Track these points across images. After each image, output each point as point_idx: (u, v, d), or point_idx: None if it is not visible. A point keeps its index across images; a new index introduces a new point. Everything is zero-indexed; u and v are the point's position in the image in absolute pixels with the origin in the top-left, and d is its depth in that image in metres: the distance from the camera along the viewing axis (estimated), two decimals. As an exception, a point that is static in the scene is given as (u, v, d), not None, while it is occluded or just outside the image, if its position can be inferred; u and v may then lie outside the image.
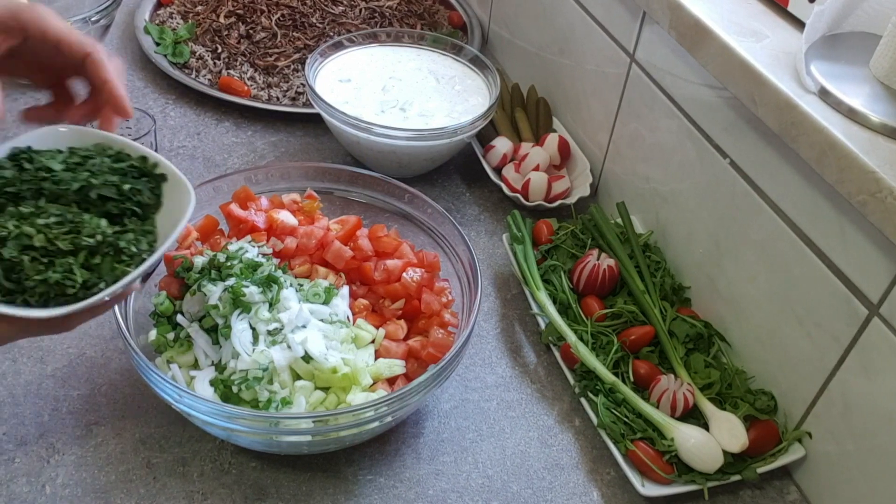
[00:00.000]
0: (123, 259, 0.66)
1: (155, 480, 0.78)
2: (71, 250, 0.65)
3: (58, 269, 0.64)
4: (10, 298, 0.63)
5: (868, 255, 0.71)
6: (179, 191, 0.71)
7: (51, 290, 0.63)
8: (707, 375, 0.88)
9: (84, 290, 0.64)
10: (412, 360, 0.83)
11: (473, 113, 1.11)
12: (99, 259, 0.65)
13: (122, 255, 0.66)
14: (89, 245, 0.65)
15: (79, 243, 0.65)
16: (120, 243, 0.66)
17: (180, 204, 0.70)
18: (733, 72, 0.79)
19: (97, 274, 0.65)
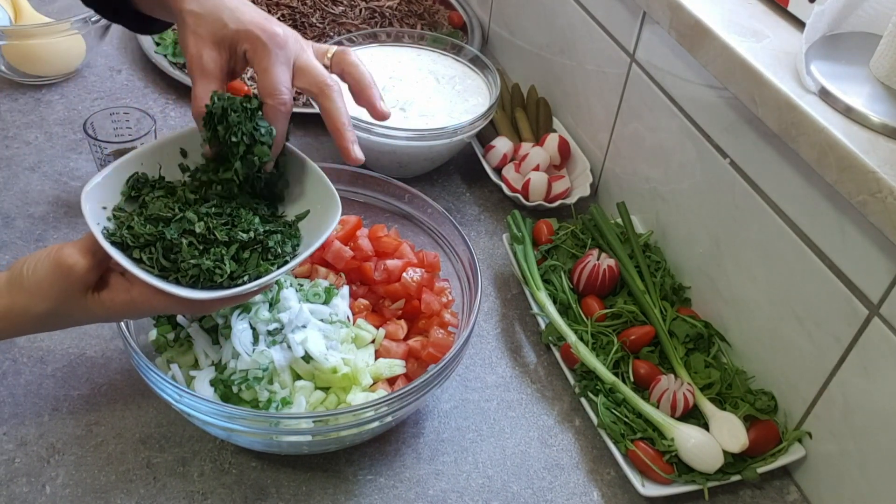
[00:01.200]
0: (269, 257, 0.70)
1: (155, 480, 0.78)
2: (225, 241, 0.69)
3: (211, 256, 0.68)
4: (164, 275, 0.68)
5: (868, 255, 0.71)
6: (328, 201, 0.75)
7: (202, 275, 0.68)
8: (707, 375, 0.88)
9: (230, 280, 0.68)
10: (412, 360, 0.83)
11: (473, 113, 1.11)
12: (248, 254, 0.70)
13: (269, 253, 0.71)
14: (241, 240, 0.69)
15: (233, 236, 0.69)
16: (269, 242, 0.71)
17: (326, 214, 0.74)
18: (734, 72, 0.79)
19: (243, 267, 0.69)
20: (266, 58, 0.68)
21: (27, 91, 1.23)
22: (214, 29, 0.68)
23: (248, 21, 0.68)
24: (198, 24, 0.68)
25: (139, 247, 0.68)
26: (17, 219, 1.02)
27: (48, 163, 1.11)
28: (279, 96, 0.68)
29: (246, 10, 0.69)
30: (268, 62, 0.68)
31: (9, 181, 1.08)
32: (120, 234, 0.68)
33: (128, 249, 0.68)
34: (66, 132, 1.16)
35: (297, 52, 0.70)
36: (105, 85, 1.26)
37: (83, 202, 0.69)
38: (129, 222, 0.69)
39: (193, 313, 0.75)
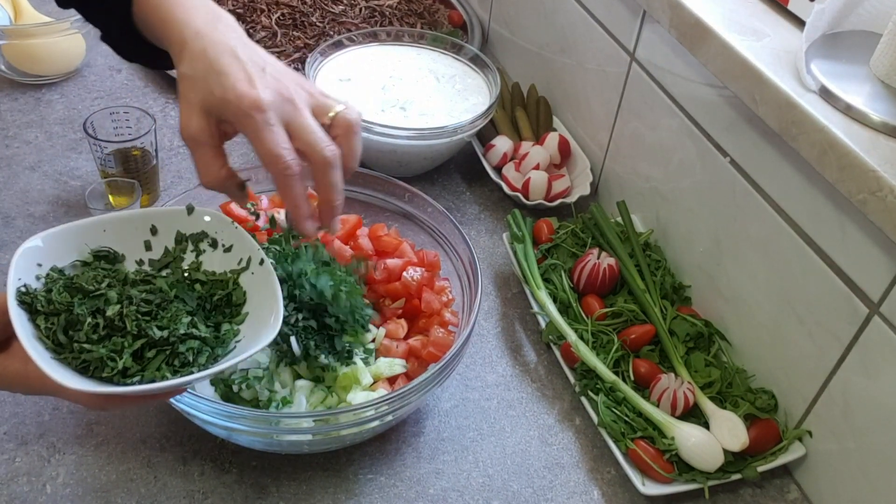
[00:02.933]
0: (174, 363, 0.64)
1: (156, 480, 0.78)
2: (133, 333, 0.63)
3: (109, 345, 0.62)
4: (57, 350, 0.62)
5: (868, 254, 0.71)
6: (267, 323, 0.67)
7: (93, 362, 0.61)
8: (707, 374, 0.88)
9: (120, 377, 0.62)
10: (412, 359, 0.83)
11: (474, 112, 1.11)
12: (153, 353, 0.63)
13: (177, 359, 0.64)
14: (151, 336, 0.63)
15: (145, 329, 0.63)
16: (179, 347, 0.64)
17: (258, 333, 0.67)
18: (734, 70, 0.79)
19: (140, 367, 0.63)
20: (250, 126, 0.62)
21: (27, 90, 1.23)
22: (203, 95, 0.62)
23: (230, 87, 0.61)
24: (188, 89, 0.63)
25: (46, 314, 0.63)
26: (17, 218, 1.02)
27: (48, 162, 1.11)
28: (280, 161, 0.61)
29: (232, 72, 0.62)
30: (254, 131, 0.62)
31: (9, 181, 1.08)
32: (34, 295, 0.63)
33: (35, 314, 0.63)
34: (66, 131, 1.16)
35: (288, 113, 0.63)
36: (105, 84, 1.26)
37: (16, 255, 0.64)
38: (52, 286, 0.64)
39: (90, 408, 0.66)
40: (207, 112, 0.63)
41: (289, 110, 0.63)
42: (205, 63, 0.63)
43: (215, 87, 0.62)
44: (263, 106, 0.61)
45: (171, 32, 0.65)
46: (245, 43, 0.66)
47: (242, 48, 0.65)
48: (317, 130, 0.64)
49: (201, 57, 0.63)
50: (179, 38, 0.65)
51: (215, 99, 0.62)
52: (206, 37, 0.64)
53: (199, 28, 0.65)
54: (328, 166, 0.64)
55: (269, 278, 0.70)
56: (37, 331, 0.62)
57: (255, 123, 0.61)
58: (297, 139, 0.63)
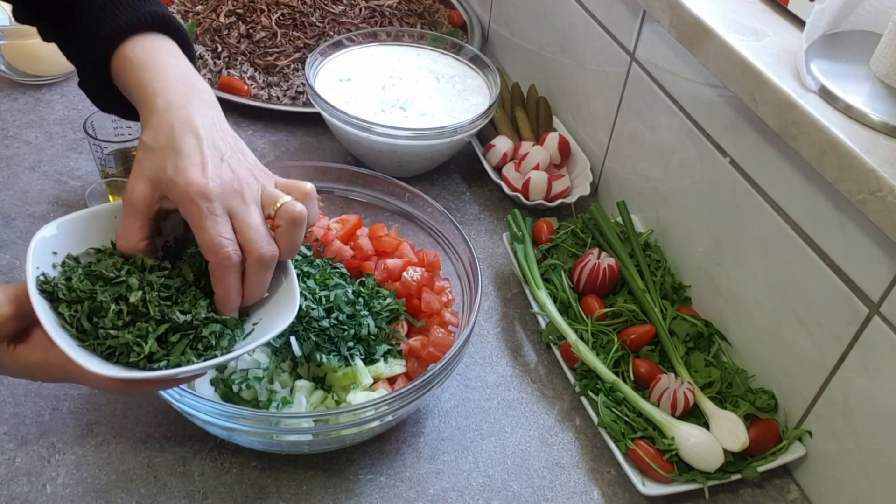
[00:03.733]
0: (198, 347, 0.64)
1: (156, 480, 0.78)
2: (157, 318, 0.64)
3: (134, 331, 0.63)
4: (81, 338, 0.62)
5: (868, 254, 0.71)
6: (285, 305, 0.68)
7: (119, 348, 0.62)
8: (707, 374, 0.88)
9: (146, 361, 0.62)
10: (412, 359, 0.83)
11: (473, 112, 1.11)
12: (177, 338, 0.64)
13: (200, 343, 0.64)
14: (174, 321, 0.64)
15: (167, 314, 0.64)
16: (203, 331, 0.64)
17: (281, 315, 0.67)
18: (734, 70, 0.79)
19: (166, 351, 0.63)
20: (193, 212, 0.62)
21: (27, 91, 1.23)
22: (155, 169, 0.63)
23: (182, 170, 0.62)
24: (144, 157, 0.64)
25: (68, 301, 0.63)
26: (17, 218, 1.02)
27: (48, 162, 1.11)
28: (220, 252, 0.62)
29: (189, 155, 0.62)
30: (197, 217, 0.62)
31: (9, 181, 1.08)
32: (54, 284, 0.63)
33: (57, 302, 0.63)
34: (66, 132, 1.16)
35: (234, 207, 0.63)
36: (105, 84, 1.26)
37: (32, 244, 0.64)
38: (71, 274, 0.65)
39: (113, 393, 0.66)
40: (154, 186, 0.63)
41: (236, 203, 0.63)
42: (167, 138, 0.63)
43: (168, 166, 0.62)
44: (210, 195, 0.61)
45: (144, 98, 0.66)
46: (212, 124, 0.66)
47: (208, 130, 0.65)
48: (258, 227, 0.64)
49: (165, 131, 0.64)
50: (150, 106, 0.65)
51: (165, 177, 0.62)
52: (175, 111, 0.65)
53: (171, 101, 0.65)
54: (262, 265, 0.65)
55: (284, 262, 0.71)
56: (60, 319, 0.63)
57: (198, 210, 0.61)
58: (239, 233, 0.63)
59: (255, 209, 0.65)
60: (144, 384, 0.64)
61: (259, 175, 0.67)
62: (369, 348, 0.80)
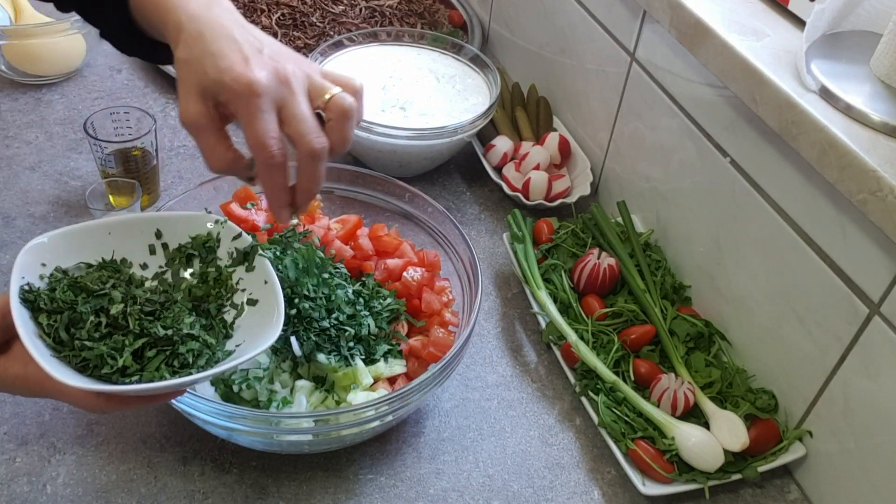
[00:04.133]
0: (174, 364, 0.63)
1: (156, 480, 0.78)
2: (136, 332, 0.63)
3: (109, 343, 0.62)
4: (57, 348, 0.62)
5: (869, 254, 0.71)
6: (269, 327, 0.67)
7: (93, 360, 0.61)
8: (708, 374, 0.88)
9: (119, 375, 0.61)
10: (413, 359, 0.83)
11: (474, 112, 1.11)
12: (153, 353, 0.63)
13: (176, 360, 0.64)
14: (154, 335, 0.63)
15: (147, 328, 0.63)
16: (180, 348, 0.64)
17: (259, 335, 0.67)
18: (734, 70, 0.79)
19: (140, 365, 0.62)
20: (243, 110, 0.60)
21: (27, 91, 1.23)
22: (199, 78, 0.61)
23: (224, 69, 0.60)
24: (185, 73, 0.62)
25: (48, 311, 0.62)
26: (18, 218, 1.02)
27: (48, 162, 1.11)
28: (266, 150, 0.61)
29: (228, 54, 0.61)
30: (246, 114, 0.60)
31: (9, 181, 1.08)
32: (37, 293, 0.63)
33: (37, 312, 0.63)
34: (67, 132, 1.17)
35: (282, 98, 0.62)
36: (105, 84, 1.26)
37: (21, 252, 0.64)
38: (56, 285, 0.64)
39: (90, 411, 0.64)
40: (204, 95, 0.61)
41: (283, 94, 0.62)
42: (201, 46, 0.61)
43: (210, 70, 0.60)
44: (258, 89, 0.60)
45: (167, 18, 0.64)
46: (242, 24, 0.64)
47: (239, 30, 0.63)
48: (308, 119, 0.62)
49: (198, 40, 0.61)
50: (175, 23, 0.63)
51: (210, 81, 0.60)
52: (201, 19, 0.63)
53: (193, 11, 0.63)
54: (314, 158, 0.63)
55: (270, 281, 0.71)
56: (38, 328, 0.62)
57: (247, 108, 0.60)
58: (287, 125, 0.62)
59: (302, 99, 0.62)
60: (117, 401, 0.62)
61: (302, 64, 0.64)
62: (369, 348, 0.80)
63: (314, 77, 0.65)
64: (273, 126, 0.61)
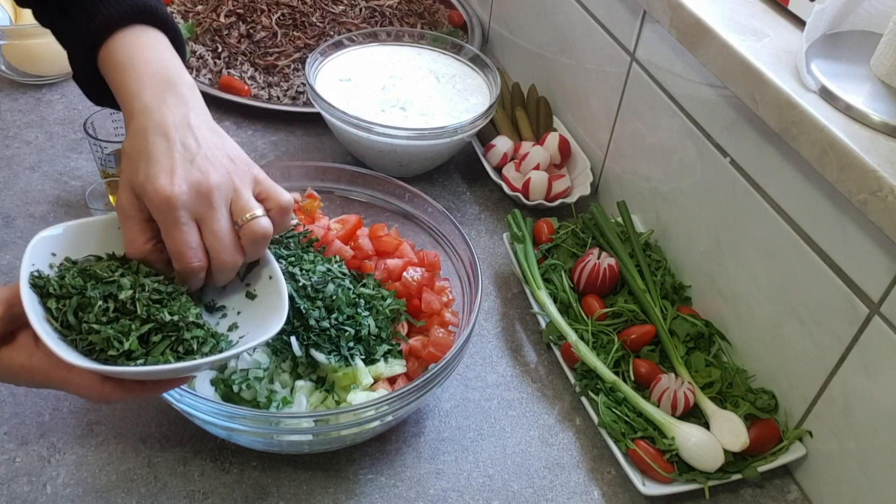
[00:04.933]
0: (178, 350, 0.64)
1: (156, 480, 0.78)
2: (143, 317, 0.63)
3: (116, 326, 0.62)
4: (64, 332, 0.62)
5: (869, 254, 0.71)
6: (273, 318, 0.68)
7: (100, 343, 0.62)
8: (708, 374, 0.88)
9: (124, 359, 0.62)
10: (413, 359, 0.83)
11: (474, 112, 1.11)
12: (159, 338, 0.63)
13: (181, 346, 0.64)
14: (160, 320, 0.64)
15: (153, 314, 0.64)
16: (185, 334, 0.64)
17: (262, 327, 0.68)
18: (734, 70, 0.79)
19: (145, 350, 0.63)
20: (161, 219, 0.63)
21: (27, 91, 1.23)
22: (131, 174, 0.64)
23: (150, 177, 0.62)
24: (125, 164, 0.65)
25: (57, 297, 0.63)
26: (18, 218, 1.02)
27: (48, 162, 1.11)
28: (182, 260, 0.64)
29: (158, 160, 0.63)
30: (164, 224, 0.63)
31: (9, 181, 1.08)
32: (46, 279, 0.64)
33: (46, 297, 0.63)
34: (67, 132, 1.17)
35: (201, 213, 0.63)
36: (105, 84, 1.26)
37: (33, 240, 0.65)
38: (65, 273, 0.65)
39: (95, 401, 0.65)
40: (134, 191, 0.64)
41: (202, 209, 0.63)
42: (140, 143, 0.64)
43: (140, 173, 0.63)
44: (175, 203, 0.62)
45: (124, 100, 0.67)
46: (185, 123, 0.65)
47: (180, 129, 0.65)
48: (223, 237, 0.64)
49: (140, 136, 0.64)
50: (129, 111, 0.66)
51: (138, 184, 0.63)
52: (149, 114, 0.65)
53: (146, 102, 0.65)
54: (224, 270, 0.66)
55: (275, 277, 0.71)
56: (47, 313, 0.63)
57: (165, 219, 0.62)
58: (204, 238, 0.64)
59: (222, 214, 0.64)
60: (122, 389, 0.62)
61: (236, 173, 0.66)
62: (369, 348, 0.80)
63: (242, 192, 0.66)
64: (189, 237, 0.63)
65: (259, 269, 0.73)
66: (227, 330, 0.70)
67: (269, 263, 0.73)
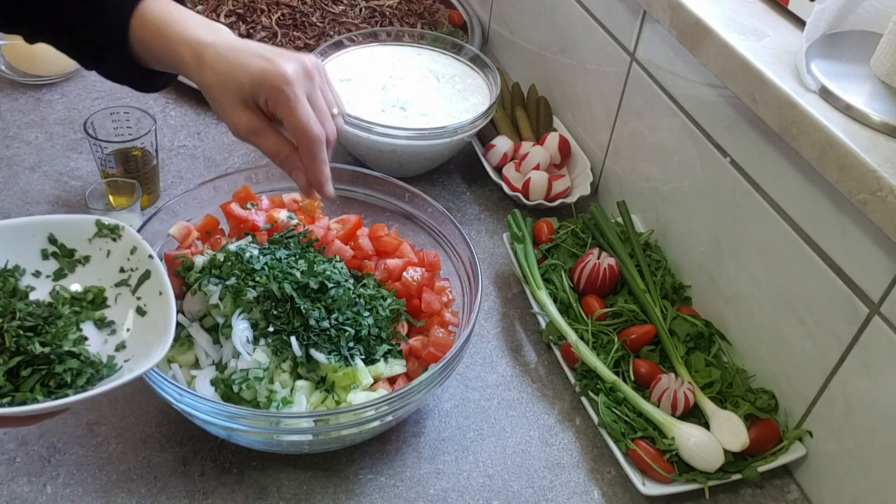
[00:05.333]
0: (49, 384, 0.61)
1: (156, 480, 0.78)
2: (12, 349, 0.61)
3: None
4: None
5: (869, 254, 0.71)
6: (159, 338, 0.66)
7: None
8: (708, 374, 0.88)
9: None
10: (413, 359, 0.83)
11: (474, 112, 1.11)
12: (29, 372, 0.61)
13: (52, 379, 0.61)
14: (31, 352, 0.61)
15: (23, 346, 0.61)
16: (56, 368, 0.61)
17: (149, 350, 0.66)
18: (734, 70, 0.79)
19: (13, 386, 0.60)
20: (283, 99, 0.67)
21: (27, 91, 1.23)
22: (236, 91, 0.68)
23: (257, 73, 0.67)
24: (220, 93, 0.68)
25: None
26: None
27: (48, 162, 1.11)
28: (310, 133, 0.68)
29: (254, 62, 0.67)
30: (286, 104, 0.67)
31: (9, 181, 1.08)
32: None
33: None
34: (67, 132, 1.16)
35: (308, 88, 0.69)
36: (105, 84, 1.26)
37: None
38: None
39: None
40: (246, 104, 0.68)
41: (308, 86, 0.69)
42: (226, 64, 0.68)
43: (244, 79, 0.67)
44: (290, 79, 0.67)
45: (181, 49, 0.69)
46: (248, 42, 0.71)
47: (250, 44, 0.70)
48: (325, 112, 0.71)
49: (221, 61, 0.68)
50: (193, 53, 0.69)
51: (247, 88, 0.67)
52: (216, 45, 0.69)
53: (206, 39, 0.69)
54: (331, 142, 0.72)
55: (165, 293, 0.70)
56: None
57: (286, 97, 0.67)
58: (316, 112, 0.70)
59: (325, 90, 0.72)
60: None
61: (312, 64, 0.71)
62: (369, 348, 0.80)
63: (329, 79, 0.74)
64: (310, 110, 0.69)
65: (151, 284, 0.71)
66: (114, 349, 0.67)
67: (161, 277, 0.70)
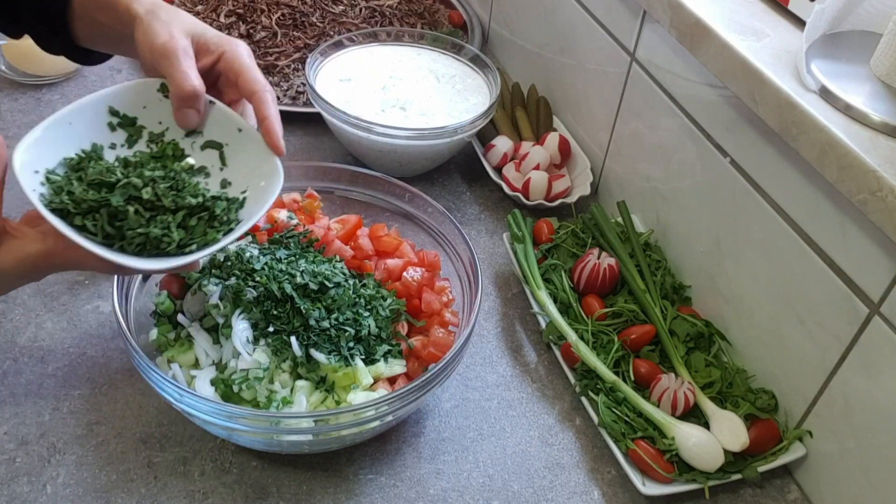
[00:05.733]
0: (215, 225, 0.68)
1: (156, 480, 0.78)
2: (172, 208, 0.67)
3: (158, 224, 0.66)
4: (109, 242, 0.65)
5: (869, 254, 0.71)
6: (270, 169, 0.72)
7: (149, 243, 0.65)
8: (708, 374, 0.88)
9: (177, 249, 0.66)
10: (413, 359, 0.83)
11: (474, 112, 1.11)
12: (195, 221, 0.68)
13: (216, 220, 0.69)
14: (189, 205, 0.67)
15: (180, 202, 0.67)
16: (215, 209, 0.69)
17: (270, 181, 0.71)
18: (734, 70, 0.79)
19: (190, 235, 0.67)
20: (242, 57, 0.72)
21: (27, 91, 1.23)
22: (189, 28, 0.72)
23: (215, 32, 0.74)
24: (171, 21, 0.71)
25: (81, 213, 0.65)
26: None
27: (48, 162, 1.11)
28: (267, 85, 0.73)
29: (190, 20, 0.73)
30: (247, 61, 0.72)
31: (9, 181, 1.07)
32: (59, 200, 0.65)
33: (68, 216, 0.65)
34: (67, 132, 1.16)
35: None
36: (105, 84, 1.25)
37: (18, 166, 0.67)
38: (68, 188, 0.67)
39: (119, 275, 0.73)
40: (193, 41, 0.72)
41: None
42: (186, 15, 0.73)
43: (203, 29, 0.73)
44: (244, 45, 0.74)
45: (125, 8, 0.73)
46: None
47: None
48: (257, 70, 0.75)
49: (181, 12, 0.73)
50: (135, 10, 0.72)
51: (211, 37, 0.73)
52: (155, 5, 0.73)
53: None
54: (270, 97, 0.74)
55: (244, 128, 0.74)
56: (79, 231, 0.65)
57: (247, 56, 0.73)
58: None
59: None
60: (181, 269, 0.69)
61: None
62: (369, 348, 0.80)
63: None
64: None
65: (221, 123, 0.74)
66: (220, 188, 0.73)
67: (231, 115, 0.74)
